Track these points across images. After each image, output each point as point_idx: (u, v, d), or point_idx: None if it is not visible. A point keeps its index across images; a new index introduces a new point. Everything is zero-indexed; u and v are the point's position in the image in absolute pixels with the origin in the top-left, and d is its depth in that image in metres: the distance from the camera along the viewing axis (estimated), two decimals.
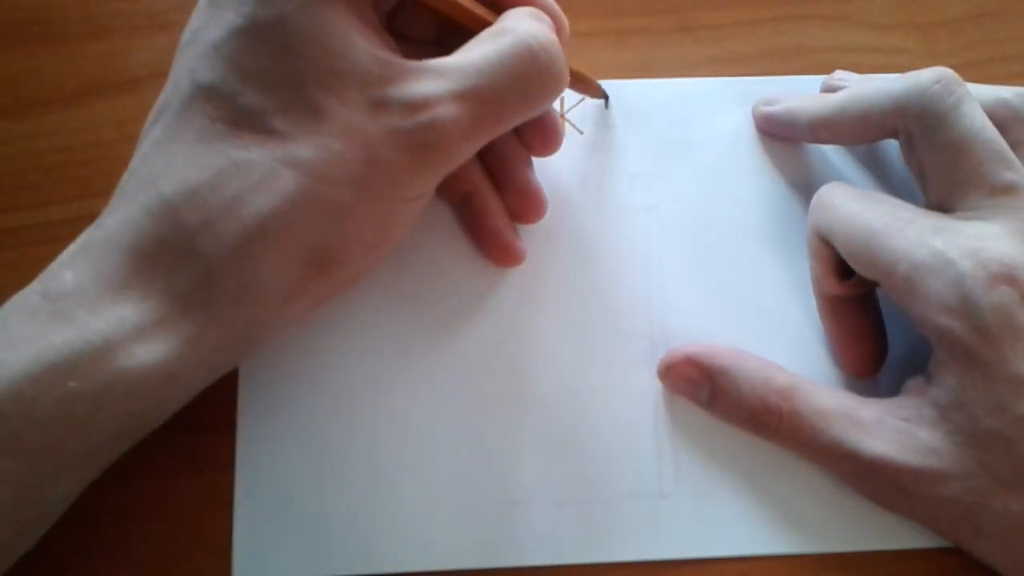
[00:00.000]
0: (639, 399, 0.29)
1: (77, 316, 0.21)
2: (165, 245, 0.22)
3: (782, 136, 0.31)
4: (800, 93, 0.31)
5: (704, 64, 0.33)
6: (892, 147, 0.31)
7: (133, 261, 0.22)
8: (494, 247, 0.29)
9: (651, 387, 0.29)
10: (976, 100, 0.26)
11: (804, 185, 0.31)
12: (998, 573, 0.26)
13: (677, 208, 0.31)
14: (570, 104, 0.31)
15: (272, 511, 0.27)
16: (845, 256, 0.27)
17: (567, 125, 0.31)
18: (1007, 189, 0.25)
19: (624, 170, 0.31)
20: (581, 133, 0.31)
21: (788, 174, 0.31)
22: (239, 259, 0.22)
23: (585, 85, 0.30)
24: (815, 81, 0.32)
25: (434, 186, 0.25)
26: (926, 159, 0.27)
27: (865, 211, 0.26)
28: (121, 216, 0.22)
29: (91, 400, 0.20)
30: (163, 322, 0.21)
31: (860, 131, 0.29)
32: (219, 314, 0.22)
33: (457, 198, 0.29)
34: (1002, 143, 0.26)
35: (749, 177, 0.31)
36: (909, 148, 0.27)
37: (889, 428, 0.26)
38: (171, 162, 0.22)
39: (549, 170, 0.30)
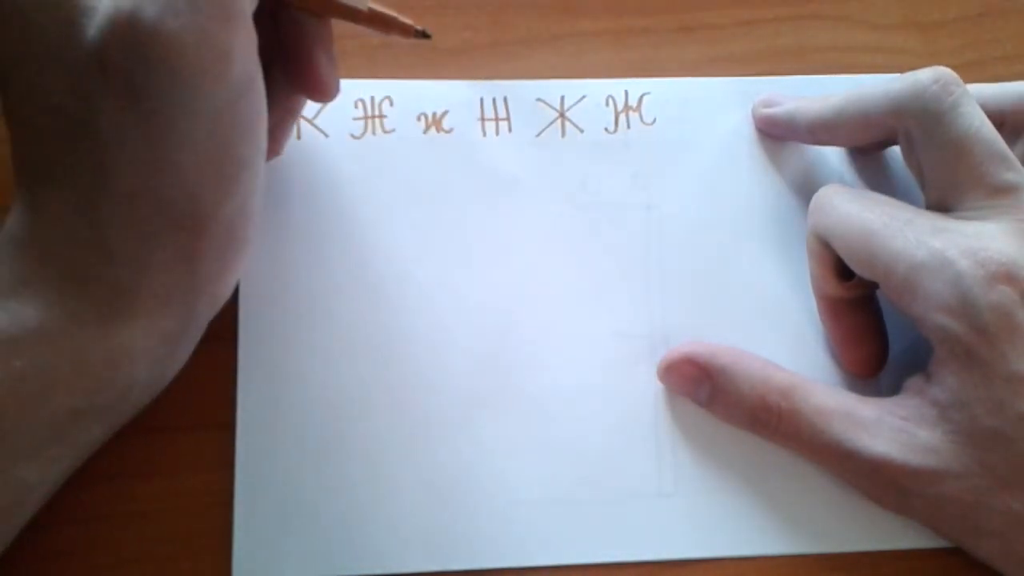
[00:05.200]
0: (639, 399, 0.29)
1: (9, 304, 0.21)
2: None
3: (782, 137, 0.31)
4: (800, 93, 0.31)
5: (704, 64, 0.33)
6: (892, 147, 0.31)
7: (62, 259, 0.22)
8: (306, 75, 0.26)
9: (651, 387, 0.29)
10: (975, 99, 0.26)
11: (804, 185, 0.31)
12: (998, 572, 0.26)
13: (677, 208, 0.31)
14: (570, 104, 0.31)
15: (272, 511, 0.27)
16: (844, 257, 0.27)
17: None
18: (1007, 189, 0.25)
19: (624, 169, 0.31)
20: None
21: (788, 174, 0.31)
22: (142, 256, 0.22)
23: (386, 25, 0.27)
24: (815, 81, 0.32)
25: (248, 64, 0.22)
26: (925, 159, 0.27)
27: (864, 212, 0.26)
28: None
29: (38, 378, 0.21)
30: (100, 306, 0.22)
31: (859, 133, 0.29)
32: (153, 303, 0.23)
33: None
34: (1001, 143, 0.26)
35: (749, 177, 0.31)
36: (908, 148, 0.27)
37: (889, 427, 0.25)
38: None
39: (550, 169, 0.30)
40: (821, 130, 0.29)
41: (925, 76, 0.26)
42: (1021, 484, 0.24)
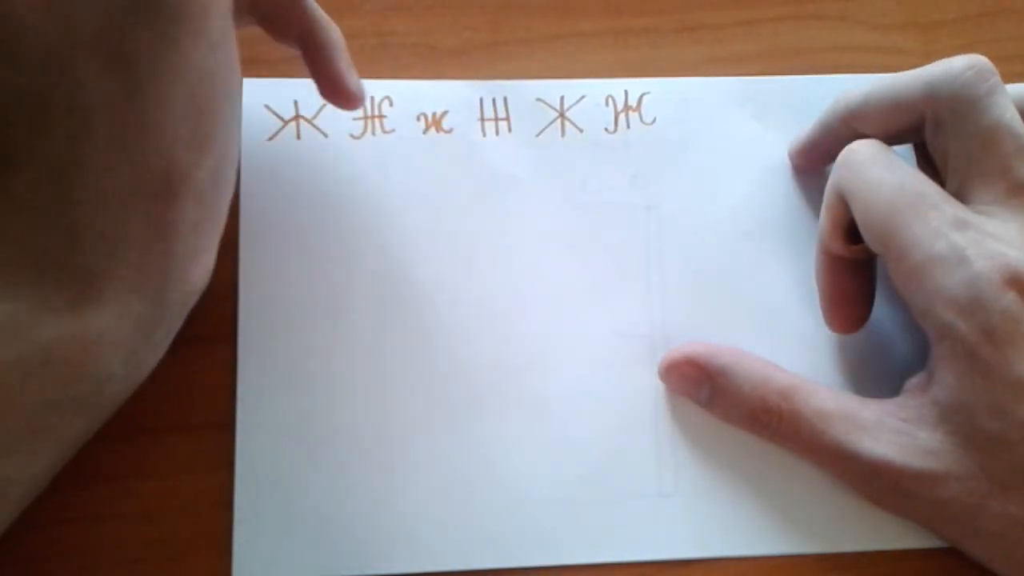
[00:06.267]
0: (639, 400, 0.29)
1: None
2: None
3: (819, 159, 0.30)
4: (800, 93, 0.31)
5: (704, 64, 0.33)
6: (902, 152, 0.31)
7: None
8: (328, 88, 0.28)
9: (651, 387, 0.29)
10: (1008, 93, 0.26)
11: (804, 185, 0.31)
12: (996, 575, 0.26)
13: (677, 208, 0.31)
14: (570, 104, 0.31)
15: (272, 511, 0.27)
16: (860, 223, 0.26)
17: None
18: None
19: (624, 169, 0.31)
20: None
21: (788, 174, 0.31)
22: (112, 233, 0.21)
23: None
24: (815, 81, 0.32)
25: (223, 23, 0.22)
26: (952, 146, 0.26)
27: (893, 184, 0.26)
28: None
29: (10, 371, 0.20)
30: (71, 294, 0.21)
31: (891, 118, 0.28)
32: (124, 287, 0.22)
33: (293, 37, 0.28)
34: None
35: (749, 177, 0.31)
36: (935, 135, 0.27)
37: (889, 429, 0.25)
38: None
39: (550, 169, 0.30)
40: (852, 118, 0.28)
41: (960, 62, 0.26)
42: (1020, 488, 0.24)
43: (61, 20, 0.20)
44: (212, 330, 0.28)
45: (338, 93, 0.28)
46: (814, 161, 0.30)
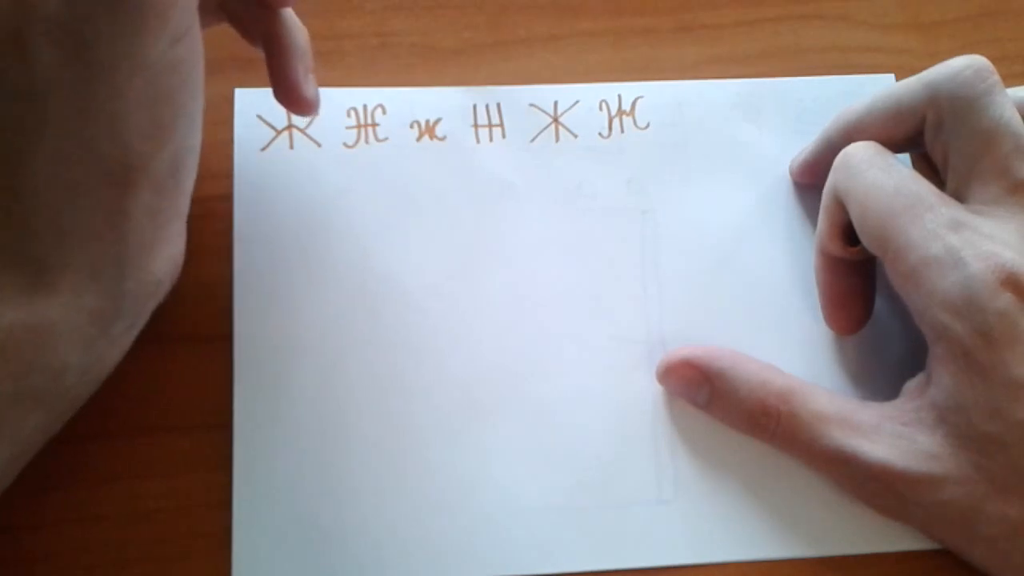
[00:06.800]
0: (638, 405, 0.28)
1: None
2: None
3: (821, 174, 0.29)
4: (800, 93, 0.31)
5: (704, 64, 0.33)
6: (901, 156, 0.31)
7: None
8: (283, 92, 0.27)
9: (650, 392, 0.29)
10: (1007, 92, 0.26)
11: (801, 188, 0.31)
12: None
13: (672, 212, 0.30)
14: (563, 109, 0.31)
15: (271, 512, 0.27)
16: (857, 226, 0.26)
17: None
18: None
19: (619, 174, 0.31)
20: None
21: (784, 177, 0.31)
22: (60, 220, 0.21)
23: None
24: (815, 81, 0.32)
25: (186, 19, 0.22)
26: (951, 145, 0.26)
27: (889, 187, 0.26)
28: None
29: None
30: (23, 284, 0.21)
31: (893, 125, 0.28)
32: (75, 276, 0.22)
33: (258, 37, 0.28)
34: None
35: (744, 178, 0.31)
36: (935, 136, 0.27)
37: (888, 433, 0.25)
38: None
39: (545, 175, 0.30)
40: (855, 131, 0.28)
41: (959, 62, 0.26)
42: (1017, 490, 0.24)
43: (17, 1, 0.19)
44: (211, 331, 0.28)
45: (290, 98, 0.27)
46: (817, 176, 0.30)
